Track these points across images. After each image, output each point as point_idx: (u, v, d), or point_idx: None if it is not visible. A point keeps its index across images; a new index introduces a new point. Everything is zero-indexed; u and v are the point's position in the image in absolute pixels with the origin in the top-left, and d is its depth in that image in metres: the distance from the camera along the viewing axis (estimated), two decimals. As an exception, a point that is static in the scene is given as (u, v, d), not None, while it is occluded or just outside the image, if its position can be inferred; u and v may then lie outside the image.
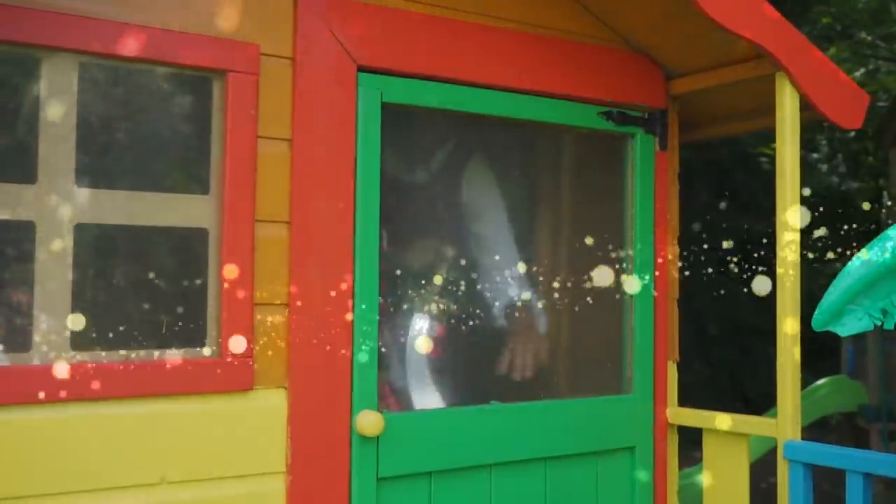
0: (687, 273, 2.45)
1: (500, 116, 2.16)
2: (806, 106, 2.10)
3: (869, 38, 11.42)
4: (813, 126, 13.98)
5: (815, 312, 1.59)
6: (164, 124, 1.79)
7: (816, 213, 2.14)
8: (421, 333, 2.13)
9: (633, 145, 2.34)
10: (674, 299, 2.42)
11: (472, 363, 2.27)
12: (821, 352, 9.05)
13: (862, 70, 11.53)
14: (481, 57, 2.09)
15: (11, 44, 1.61)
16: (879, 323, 1.52)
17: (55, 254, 1.65)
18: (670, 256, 2.39)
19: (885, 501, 5.35)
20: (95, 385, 1.65)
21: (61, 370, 1.63)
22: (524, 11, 2.17)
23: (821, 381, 7.04)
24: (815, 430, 6.99)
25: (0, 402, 1.57)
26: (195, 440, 1.74)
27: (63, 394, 1.63)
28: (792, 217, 2.06)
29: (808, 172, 11.55)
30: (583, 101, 2.28)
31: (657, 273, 2.36)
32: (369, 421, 1.88)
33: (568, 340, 2.40)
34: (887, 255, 1.54)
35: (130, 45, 1.70)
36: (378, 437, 1.93)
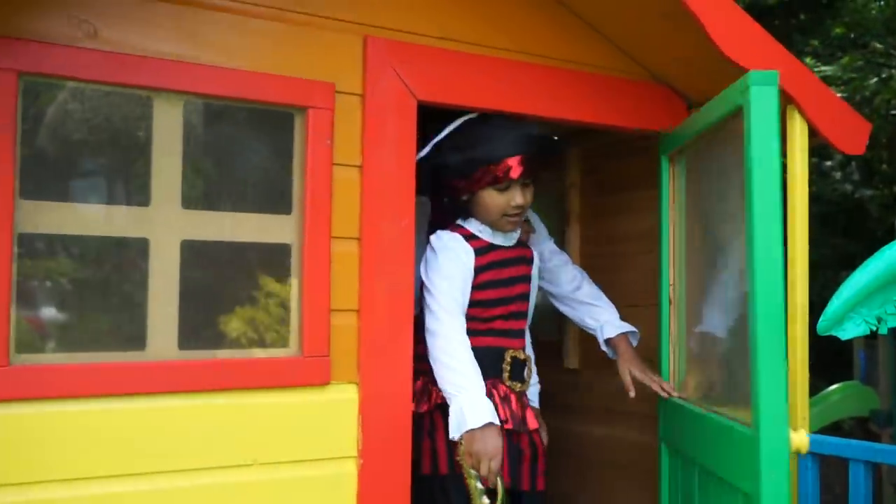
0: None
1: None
2: (813, 133, 2.40)
3: (882, 47, 11.67)
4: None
5: (820, 319, 1.88)
6: (254, 153, 2.10)
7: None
8: None
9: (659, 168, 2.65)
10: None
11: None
12: (834, 359, 9.32)
13: (875, 79, 11.79)
14: (522, 90, 2.40)
15: (129, 86, 1.92)
16: (875, 328, 1.81)
17: (165, 266, 1.96)
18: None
19: (896, 502, 5.61)
20: (198, 379, 1.97)
21: (170, 366, 1.95)
22: (559, 49, 2.48)
23: (833, 387, 7.30)
24: (828, 434, 7.24)
25: (121, 393, 1.88)
26: (281, 427, 2.04)
27: (172, 387, 1.94)
28: (801, 236, 2.35)
29: (821, 180, 11.80)
30: (612, 128, 2.60)
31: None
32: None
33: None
34: (883, 267, 1.83)
35: (226, 86, 2.01)
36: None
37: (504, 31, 2.40)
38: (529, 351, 2.60)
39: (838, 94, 13.59)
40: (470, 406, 2.22)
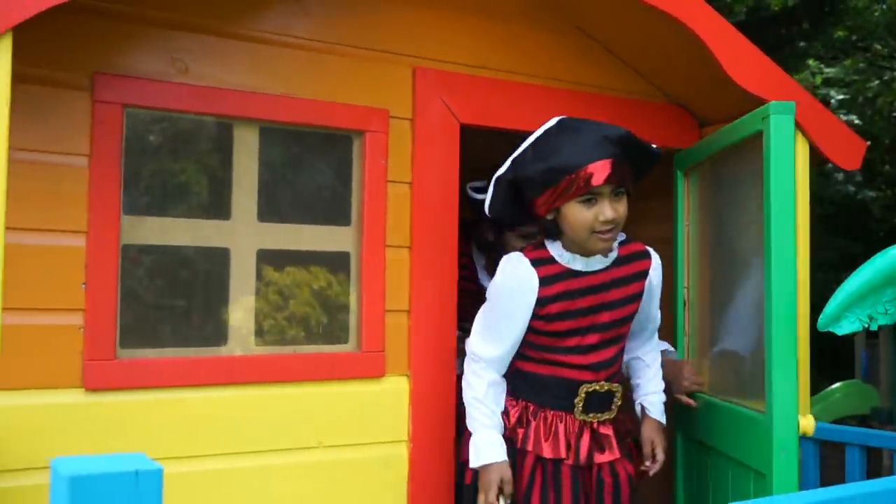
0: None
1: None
2: (814, 150, 2.70)
3: (885, 50, 11.91)
4: (829, 135, 14.36)
5: (819, 317, 2.18)
6: (318, 172, 2.40)
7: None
8: None
9: (675, 181, 2.95)
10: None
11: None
12: (837, 359, 9.63)
13: (877, 81, 12.07)
14: (552, 112, 2.69)
15: (213, 115, 2.22)
16: (867, 325, 2.11)
17: (243, 272, 2.26)
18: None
19: None
20: (271, 371, 2.27)
21: (247, 360, 2.24)
22: (584, 75, 2.78)
23: (836, 385, 7.59)
24: (831, 431, 7.52)
25: (205, 383, 2.18)
26: (342, 414, 2.34)
27: (248, 378, 2.24)
28: (804, 245, 2.64)
29: (824, 181, 12.06)
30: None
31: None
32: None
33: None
34: (874, 272, 2.13)
35: (295, 113, 2.31)
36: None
37: (536, 60, 2.70)
38: (621, 377, 2.44)
39: (840, 96, 13.85)
40: (476, 446, 2.24)
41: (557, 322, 2.24)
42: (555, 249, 2.26)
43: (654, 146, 2.27)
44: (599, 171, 2.10)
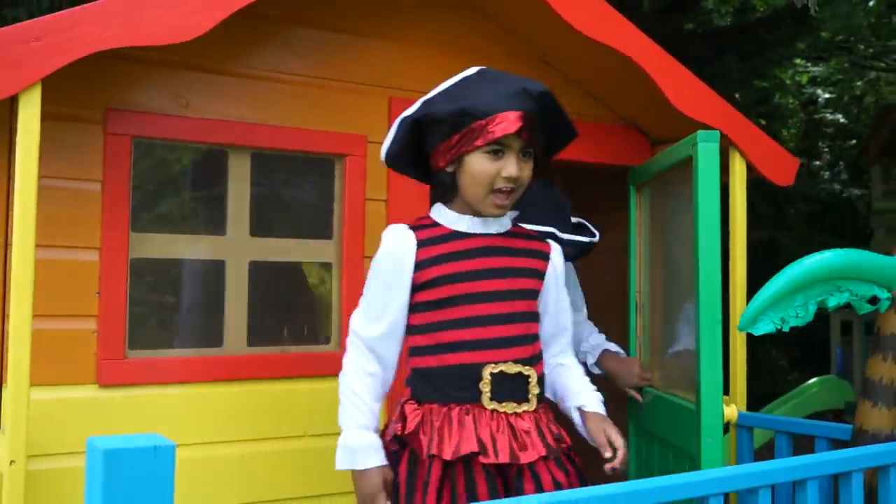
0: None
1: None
2: (751, 168, 3.04)
3: (870, 51, 12.22)
4: (815, 133, 14.70)
5: (740, 320, 2.51)
6: (304, 192, 2.74)
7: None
8: None
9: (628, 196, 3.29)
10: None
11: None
12: (813, 355, 9.99)
13: (860, 81, 12.43)
14: (515, 134, 3.03)
15: (211, 143, 2.56)
16: (779, 327, 2.44)
17: (237, 281, 2.60)
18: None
19: None
20: (262, 369, 2.60)
21: (241, 359, 2.58)
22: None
23: (812, 381, 7.92)
24: (807, 425, 7.86)
25: (204, 380, 2.52)
26: (325, 406, 2.67)
27: (242, 375, 2.58)
28: (741, 251, 2.99)
29: (810, 179, 12.40)
30: (593, 165, 3.23)
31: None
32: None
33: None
34: (787, 281, 2.46)
35: (283, 141, 2.65)
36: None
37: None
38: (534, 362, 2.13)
39: (827, 95, 14.15)
40: (350, 448, 2.03)
41: (441, 287, 2.05)
42: (440, 213, 2.13)
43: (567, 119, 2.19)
44: (513, 120, 1.98)
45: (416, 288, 2.07)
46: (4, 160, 2.31)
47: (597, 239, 2.70)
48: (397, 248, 2.06)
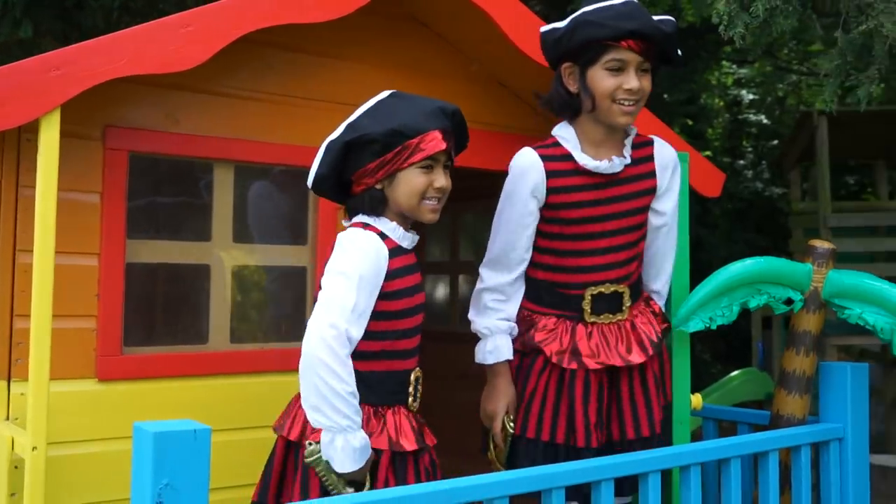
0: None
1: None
2: (683, 181, 3.42)
3: (791, 55, 12.83)
4: (739, 133, 15.34)
5: (674, 319, 2.88)
6: (282, 201, 3.03)
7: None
8: None
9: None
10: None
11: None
12: (735, 348, 10.56)
13: (782, 84, 13.04)
14: (471, 150, 3.36)
15: (198, 157, 2.84)
16: (708, 325, 2.82)
17: (221, 284, 2.88)
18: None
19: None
20: (243, 364, 2.89)
21: (224, 355, 2.87)
22: (498, 117, 3.47)
23: (734, 373, 8.38)
24: (730, 416, 8.35)
25: (191, 374, 2.80)
26: (301, 399, 2.98)
27: (225, 370, 2.86)
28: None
29: (734, 178, 12.96)
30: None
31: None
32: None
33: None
34: (715, 284, 2.84)
35: (261, 155, 2.94)
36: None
37: (460, 105, 3.36)
38: None
39: (751, 96, 14.78)
40: (345, 449, 2.16)
41: (400, 300, 2.28)
42: (384, 226, 2.33)
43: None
44: (441, 138, 2.28)
45: (381, 297, 2.26)
46: (13, 175, 2.55)
47: None
48: (379, 256, 2.25)
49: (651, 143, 2.76)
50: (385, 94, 2.40)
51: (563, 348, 2.57)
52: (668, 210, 2.74)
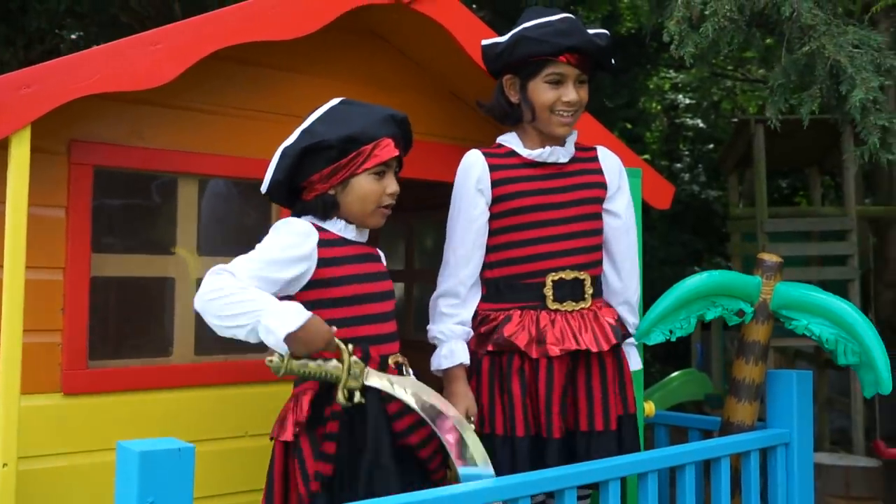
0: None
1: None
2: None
3: (728, 62, 13.13)
4: (677, 137, 15.58)
5: (636, 332, 2.98)
6: (245, 213, 3.07)
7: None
8: None
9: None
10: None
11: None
12: (674, 349, 10.79)
13: (717, 89, 13.35)
14: (429, 162, 3.43)
15: (162, 171, 2.86)
16: (668, 337, 2.92)
17: (185, 297, 2.91)
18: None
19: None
20: (207, 376, 2.92)
21: (188, 368, 2.89)
22: (455, 130, 3.54)
23: (675, 374, 8.57)
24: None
25: (155, 387, 2.82)
26: (264, 409, 3.00)
27: (189, 382, 2.89)
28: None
29: (671, 181, 13.21)
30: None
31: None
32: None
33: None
34: (673, 299, 2.95)
35: (224, 168, 2.97)
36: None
37: (418, 120, 3.41)
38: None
39: (687, 100, 15.04)
40: (271, 318, 2.14)
41: (343, 287, 2.35)
42: (329, 225, 2.41)
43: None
44: (392, 144, 2.39)
45: (314, 283, 2.33)
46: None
47: None
48: (304, 237, 2.32)
49: (593, 148, 2.89)
50: (336, 101, 2.47)
51: (532, 338, 2.62)
52: (621, 210, 2.84)
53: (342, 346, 2.24)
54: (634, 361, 2.90)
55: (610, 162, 2.85)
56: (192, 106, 2.92)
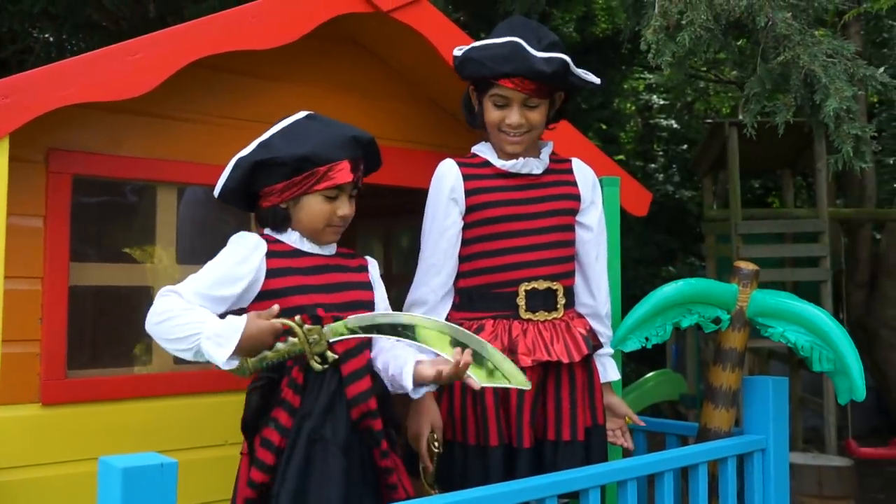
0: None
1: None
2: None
3: (701, 63, 13.22)
4: (651, 137, 15.67)
5: (612, 339, 3.00)
6: (224, 221, 3.06)
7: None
8: None
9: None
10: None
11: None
12: (651, 350, 10.87)
13: (690, 90, 13.44)
14: (408, 168, 3.44)
15: (140, 180, 2.85)
16: (644, 344, 2.95)
17: (164, 305, 2.89)
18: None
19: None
20: (188, 385, 2.92)
21: (168, 377, 2.89)
22: (433, 137, 3.55)
23: (650, 374, 8.63)
24: (647, 414, 8.61)
25: (135, 396, 2.81)
26: (243, 418, 3.01)
27: (169, 391, 2.88)
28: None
29: (646, 181, 13.29)
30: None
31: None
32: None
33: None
34: (650, 306, 2.97)
35: (202, 176, 2.95)
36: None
37: (397, 126, 3.44)
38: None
39: (661, 101, 15.10)
40: (210, 339, 2.15)
41: (287, 297, 2.30)
42: (283, 237, 2.41)
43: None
44: (348, 168, 2.33)
45: (262, 295, 2.31)
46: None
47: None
48: (251, 250, 2.34)
49: (569, 160, 2.89)
50: (301, 114, 2.43)
51: (505, 347, 2.61)
52: (593, 224, 2.84)
53: (290, 322, 2.19)
54: (612, 372, 2.91)
55: (584, 175, 2.85)
56: (172, 114, 2.91)
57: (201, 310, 2.18)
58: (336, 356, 2.25)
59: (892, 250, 8.99)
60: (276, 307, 2.20)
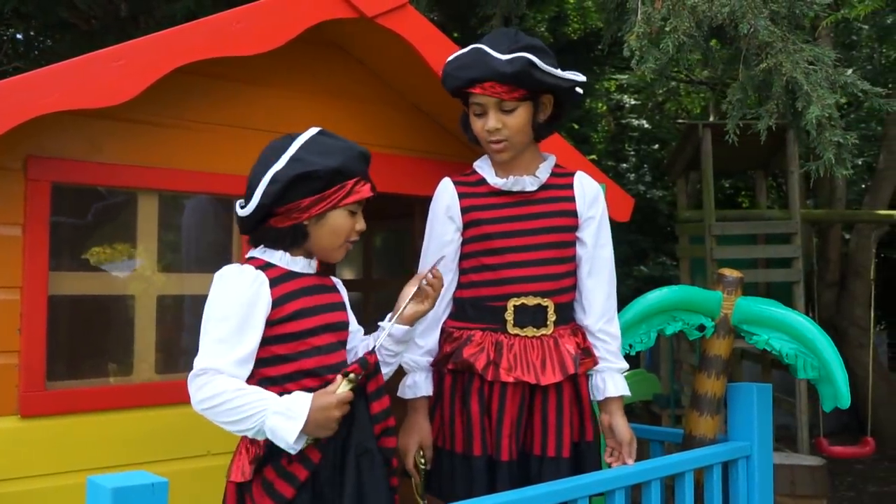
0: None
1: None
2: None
3: (680, 68, 13.27)
4: (622, 137, 15.71)
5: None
6: (206, 229, 3.01)
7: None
8: None
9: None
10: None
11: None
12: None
13: (661, 90, 13.49)
14: (392, 174, 3.41)
15: (121, 187, 2.80)
16: (628, 351, 2.95)
17: (146, 314, 2.85)
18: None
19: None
20: (168, 395, 2.86)
21: (150, 387, 2.84)
22: (417, 142, 3.52)
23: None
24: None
25: (117, 407, 2.76)
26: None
27: (151, 401, 2.83)
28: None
29: (618, 180, 13.34)
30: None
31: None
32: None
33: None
34: (634, 313, 2.97)
35: (184, 183, 2.91)
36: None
37: (381, 131, 3.41)
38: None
39: (633, 101, 15.15)
40: (279, 415, 2.13)
41: (299, 320, 2.28)
42: (272, 256, 2.34)
43: None
44: (369, 185, 2.37)
45: (272, 323, 2.25)
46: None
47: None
48: (256, 289, 2.24)
49: (572, 174, 2.85)
50: (314, 130, 2.38)
51: (491, 360, 2.62)
52: (588, 239, 2.78)
53: (338, 389, 2.20)
54: (612, 388, 2.78)
55: (584, 190, 2.80)
56: (153, 120, 2.86)
57: (253, 391, 2.16)
58: (360, 376, 2.25)
59: (861, 251, 9.08)
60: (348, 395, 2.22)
